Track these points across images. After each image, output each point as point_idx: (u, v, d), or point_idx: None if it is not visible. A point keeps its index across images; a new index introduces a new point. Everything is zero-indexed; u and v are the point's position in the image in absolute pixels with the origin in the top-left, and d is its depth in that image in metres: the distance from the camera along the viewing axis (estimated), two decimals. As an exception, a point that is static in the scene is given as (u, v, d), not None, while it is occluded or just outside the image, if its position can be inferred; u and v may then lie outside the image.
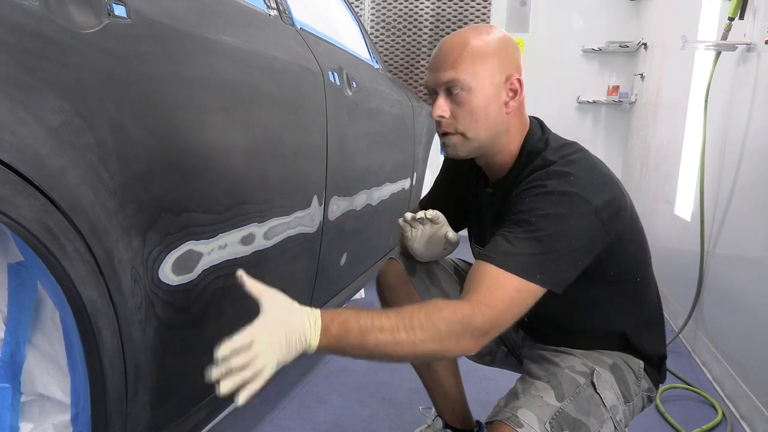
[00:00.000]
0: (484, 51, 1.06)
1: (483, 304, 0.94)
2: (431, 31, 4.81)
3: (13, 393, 0.84)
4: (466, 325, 0.92)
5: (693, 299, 2.36)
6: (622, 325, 1.18)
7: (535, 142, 1.12)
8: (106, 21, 0.82)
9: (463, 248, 1.34)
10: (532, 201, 1.01)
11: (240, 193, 1.17)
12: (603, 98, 4.64)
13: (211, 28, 1.11)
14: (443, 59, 1.08)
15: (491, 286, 0.96)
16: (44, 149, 0.71)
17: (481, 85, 1.06)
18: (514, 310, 0.97)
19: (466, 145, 1.11)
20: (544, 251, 0.97)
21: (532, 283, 0.97)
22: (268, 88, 1.29)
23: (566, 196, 0.99)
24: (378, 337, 0.89)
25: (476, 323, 0.93)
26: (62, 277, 0.75)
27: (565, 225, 0.98)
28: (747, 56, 2.09)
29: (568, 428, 1.02)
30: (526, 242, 0.98)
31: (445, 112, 1.08)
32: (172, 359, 1.01)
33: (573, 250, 0.99)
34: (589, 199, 1.00)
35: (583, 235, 1.00)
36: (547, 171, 1.04)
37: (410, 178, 2.71)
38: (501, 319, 0.96)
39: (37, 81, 0.71)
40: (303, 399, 1.90)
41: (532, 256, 0.97)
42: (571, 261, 1.00)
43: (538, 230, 0.98)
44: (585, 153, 1.10)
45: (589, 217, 1.00)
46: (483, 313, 0.93)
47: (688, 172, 2.86)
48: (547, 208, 0.99)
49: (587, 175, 1.04)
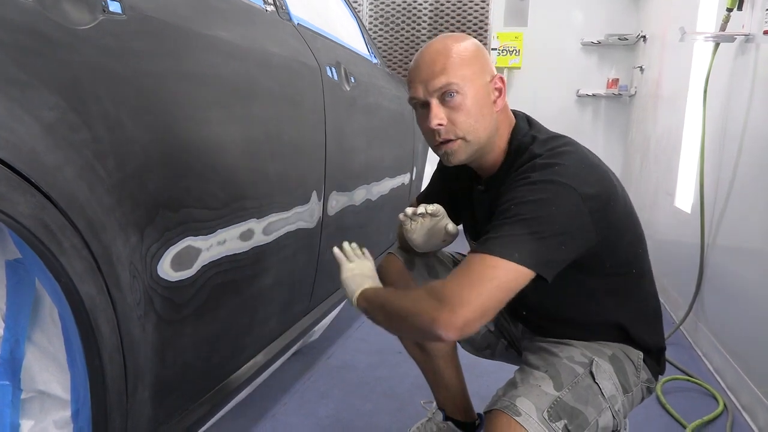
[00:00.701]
0: (467, 55, 1.09)
1: (456, 284, 0.96)
2: (430, 27, 4.80)
3: (13, 390, 0.84)
4: (437, 305, 0.95)
5: (693, 291, 2.37)
6: (620, 317, 1.18)
7: (521, 137, 1.13)
8: (101, 17, 0.82)
9: (461, 241, 1.34)
10: (514, 191, 1.02)
11: (238, 188, 1.17)
12: (602, 91, 4.64)
13: (207, 23, 1.11)
14: (430, 68, 1.08)
15: (469, 269, 0.97)
16: (40, 146, 0.71)
17: (473, 87, 1.08)
18: (489, 290, 0.95)
19: (467, 149, 1.11)
20: (522, 232, 0.97)
21: (511, 262, 0.95)
22: (266, 84, 1.29)
23: (549, 184, 1.00)
24: (385, 300, 1.10)
25: (447, 303, 0.94)
26: (60, 273, 0.75)
27: (545, 209, 0.98)
28: (746, 47, 2.09)
29: (565, 417, 1.02)
30: (506, 227, 0.98)
31: (443, 119, 1.08)
32: (171, 355, 1.01)
33: (555, 234, 0.98)
34: (575, 187, 0.99)
35: (567, 221, 0.99)
36: (533, 164, 1.05)
37: (410, 173, 2.71)
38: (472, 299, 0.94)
39: (32, 77, 0.71)
40: (304, 394, 1.90)
41: (509, 237, 0.97)
42: (553, 244, 0.98)
43: (517, 215, 0.98)
44: (574, 146, 1.10)
45: (574, 204, 0.99)
46: (457, 294, 0.94)
47: (688, 164, 2.85)
48: (528, 195, 1.00)
49: (574, 165, 1.04)
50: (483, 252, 0.97)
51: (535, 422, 1.00)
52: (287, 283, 1.48)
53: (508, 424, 1.00)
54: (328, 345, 2.30)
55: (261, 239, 1.27)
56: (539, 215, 0.98)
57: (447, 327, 0.93)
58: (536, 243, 0.97)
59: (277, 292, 1.42)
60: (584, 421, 1.04)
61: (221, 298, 1.14)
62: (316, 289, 1.70)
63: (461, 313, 0.93)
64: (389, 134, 2.33)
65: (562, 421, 1.02)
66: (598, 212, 1.02)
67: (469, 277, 0.96)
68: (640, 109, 4.20)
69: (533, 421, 1.00)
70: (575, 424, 1.03)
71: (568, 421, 1.02)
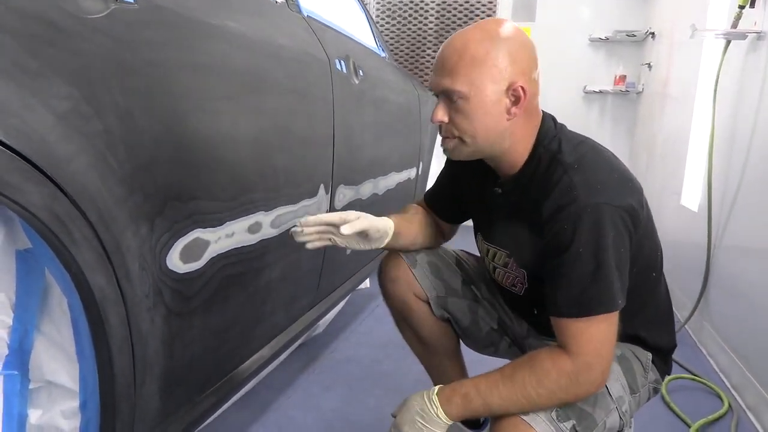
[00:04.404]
0: (483, 58, 1.02)
1: (583, 360, 0.99)
2: (437, 20, 4.78)
3: (21, 380, 0.84)
4: (575, 379, 0.99)
5: (699, 290, 2.36)
6: (635, 320, 1.17)
7: (548, 143, 1.10)
8: (113, 6, 0.82)
9: (465, 239, 1.33)
10: (569, 229, 1.00)
11: (247, 181, 1.17)
12: (610, 88, 4.61)
13: (218, 14, 1.10)
14: (442, 64, 1.06)
15: (584, 340, 0.99)
16: (52, 136, 0.70)
17: (480, 93, 1.03)
18: (611, 340, 1.02)
19: (464, 149, 1.10)
20: (610, 278, 0.99)
21: (616, 310, 1.01)
22: (276, 75, 1.29)
23: (598, 211, 0.99)
24: (501, 406, 1.01)
25: (582, 375, 0.99)
26: (70, 263, 0.75)
27: (609, 241, 0.99)
28: (757, 45, 2.07)
29: (574, 417, 1.02)
30: (589, 278, 0.99)
31: (443, 117, 1.07)
32: (179, 347, 1.01)
33: (625, 258, 1.02)
34: (618, 205, 1.00)
35: (624, 238, 1.01)
36: (571, 182, 1.02)
37: (416, 167, 2.70)
38: (605, 358, 1.01)
39: (44, 66, 0.70)
40: (308, 388, 1.90)
41: (605, 291, 0.99)
42: (626, 267, 1.03)
43: (593, 262, 0.98)
44: (600, 153, 1.10)
45: (622, 219, 1.00)
46: (587, 363, 0.99)
47: (695, 162, 2.84)
48: (586, 233, 0.98)
49: (609, 178, 1.04)
50: (591, 315, 0.99)
51: (543, 422, 0.99)
52: (294, 277, 1.48)
53: (516, 424, 1.00)
54: (332, 339, 2.30)
55: (269, 232, 1.26)
56: (608, 252, 0.99)
57: (593, 385, 1.02)
58: (622, 279, 1.01)
59: (284, 285, 1.41)
60: (592, 423, 1.04)
61: (229, 290, 1.14)
62: (322, 283, 1.69)
63: (605, 375, 1.02)
64: (396, 128, 2.32)
65: (570, 422, 1.01)
66: (635, 219, 1.03)
67: (600, 345, 1.00)
68: (648, 106, 4.17)
69: (541, 421, 0.99)
70: (583, 425, 1.03)
71: (577, 422, 1.02)
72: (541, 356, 1.01)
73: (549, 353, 1.01)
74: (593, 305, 0.99)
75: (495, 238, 1.24)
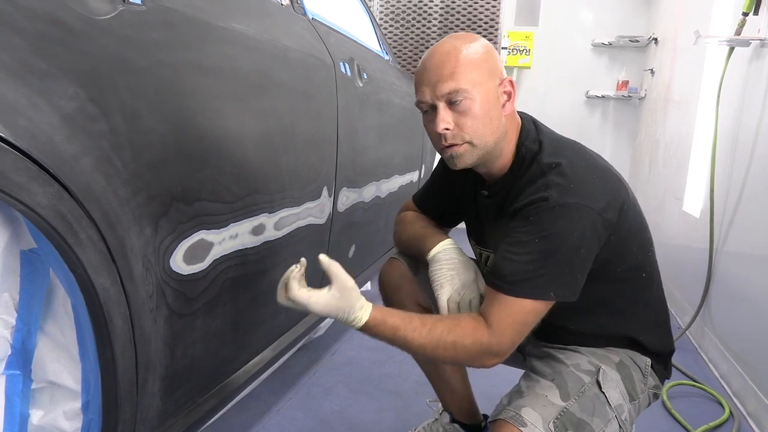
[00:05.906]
0: (476, 58, 1.06)
1: (498, 332, 1.02)
2: (440, 24, 4.78)
3: (24, 380, 0.84)
4: (484, 350, 1.02)
5: (701, 296, 2.35)
6: (629, 323, 1.17)
7: (529, 143, 1.12)
8: (121, 7, 0.82)
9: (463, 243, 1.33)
10: (534, 219, 1.01)
11: (251, 182, 1.17)
12: (612, 93, 4.62)
13: (224, 16, 1.10)
14: (438, 71, 1.06)
15: (505, 314, 1.02)
16: (58, 136, 0.70)
17: (482, 91, 1.05)
18: (528, 327, 1.04)
19: (473, 154, 1.09)
20: (553, 270, 1.00)
21: (547, 301, 1.02)
22: (280, 78, 1.29)
23: (567, 209, 1.00)
24: (407, 338, 1.06)
25: (493, 348, 1.02)
26: (75, 264, 0.75)
27: (569, 238, 1.00)
28: (761, 52, 2.07)
29: (572, 428, 1.01)
30: (533, 264, 1.00)
31: (449, 124, 1.06)
32: (182, 348, 1.01)
33: (582, 258, 1.02)
34: (590, 205, 1.01)
35: (589, 240, 1.01)
36: (546, 180, 1.03)
37: (418, 170, 2.70)
38: (516, 340, 1.04)
39: (51, 67, 0.70)
40: (309, 390, 1.90)
41: (541, 277, 1.00)
42: (581, 268, 1.03)
43: (543, 250, 1.00)
44: (580, 153, 1.10)
45: (592, 221, 1.01)
46: (499, 341, 1.02)
47: (697, 168, 2.84)
48: (549, 226, 1.00)
49: (586, 178, 1.04)
50: (519, 296, 1.01)
51: None
52: (296, 279, 1.47)
53: None
54: (333, 341, 2.30)
55: (272, 234, 1.26)
56: (564, 246, 1.00)
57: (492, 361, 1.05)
58: (569, 276, 1.02)
59: (286, 287, 1.41)
60: None
61: (232, 292, 1.14)
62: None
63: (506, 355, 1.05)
64: (400, 131, 2.32)
65: None
66: (613, 219, 1.03)
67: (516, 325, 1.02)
68: (650, 112, 4.17)
69: (539, 430, 0.99)
70: None
71: None
72: (464, 322, 1.04)
73: (473, 320, 1.04)
74: (527, 287, 1.00)
75: (485, 242, 1.24)
